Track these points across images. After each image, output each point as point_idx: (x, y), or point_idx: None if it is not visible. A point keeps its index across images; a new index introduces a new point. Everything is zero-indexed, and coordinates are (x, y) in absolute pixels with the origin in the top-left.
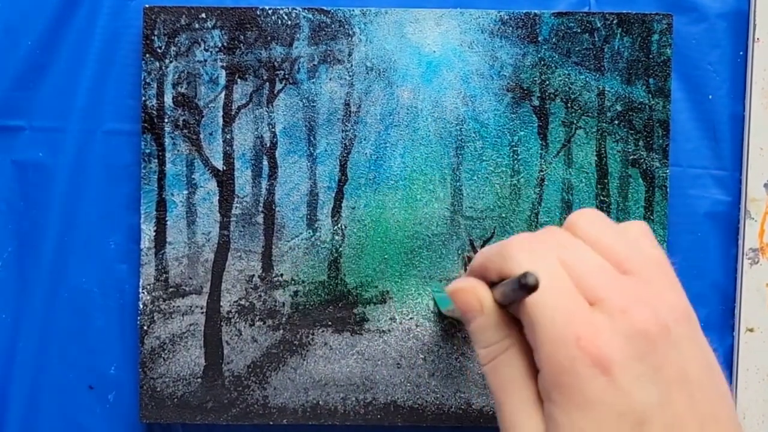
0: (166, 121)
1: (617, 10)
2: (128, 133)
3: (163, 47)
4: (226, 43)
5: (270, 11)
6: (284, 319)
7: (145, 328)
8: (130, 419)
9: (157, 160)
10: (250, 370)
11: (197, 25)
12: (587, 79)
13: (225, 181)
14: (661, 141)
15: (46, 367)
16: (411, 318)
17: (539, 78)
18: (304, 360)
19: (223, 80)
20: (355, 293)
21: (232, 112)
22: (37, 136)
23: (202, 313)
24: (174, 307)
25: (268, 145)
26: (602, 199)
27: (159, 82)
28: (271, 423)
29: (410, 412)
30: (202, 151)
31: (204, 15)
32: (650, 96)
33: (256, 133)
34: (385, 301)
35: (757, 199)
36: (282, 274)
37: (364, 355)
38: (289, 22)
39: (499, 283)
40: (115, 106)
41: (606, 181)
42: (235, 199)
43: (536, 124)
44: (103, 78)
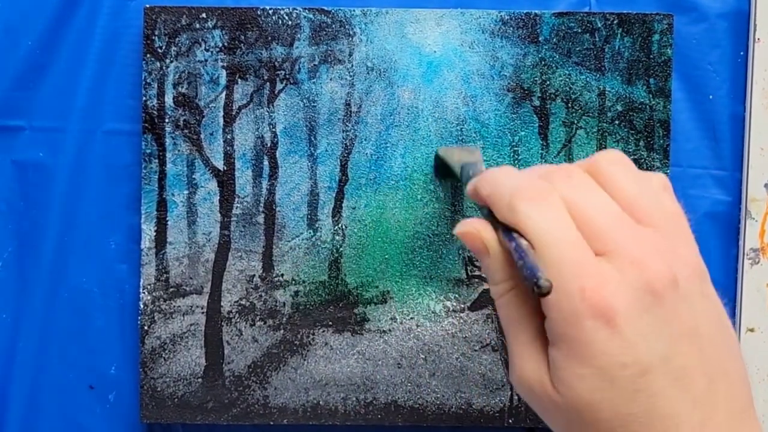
0: (167, 121)
1: (618, 10)
2: (128, 133)
3: (164, 47)
4: (226, 43)
5: (270, 11)
6: (285, 319)
7: (146, 328)
8: (131, 419)
9: (157, 160)
10: (251, 370)
11: (198, 25)
12: (588, 79)
13: (225, 181)
14: (661, 141)
15: (46, 367)
16: (411, 318)
17: (540, 78)
18: (305, 360)
19: (223, 80)
20: (355, 293)
21: (233, 112)
22: (37, 136)
23: (203, 313)
24: (174, 307)
25: (269, 145)
26: None
27: (159, 82)
28: (272, 423)
29: (411, 412)
30: (202, 151)
31: (204, 15)
32: (651, 96)
33: (257, 133)
34: (385, 301)
35: (758, 199)
36: (282, 274)
37: (365, 355)
38: (290, 22)
39: (504, 226)
40: (116, 106)
41: None
42: (236, 199)
43: (537, 124)
44: (104, 78)
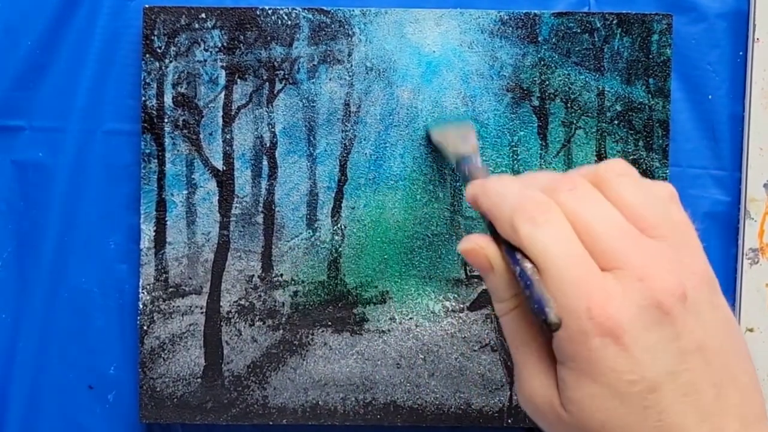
0: (166, 121)
1: (617, 10)
2: (128, 133)
3: (163, 47)
4: (226, 43)
5: (270, 11)
6: (284, 319)
7: (145, 328)
8: (130, 419)
9: (156, 160)
10: (250, 370)
11: (197, 25)
12: (587, 79)
13: (225, 181)
14: (660, 141)
15: (46, 367)
16: (411, 318)
17: (539, 78)
18: (304, 360)
19: (222, 80)
20: (354, 293)
21: (232, 112)
22: (37, 136)
23: (202, 313)
24: (174, 307)
25: (268, 145)
26: None
27: (159, 82)
28: (271, 423)
29: (410, 412)
30: (201, 151)
31: (204, 15)
32: (650, 96)
33: (256, 133)
34: (384, 301)
35: (757, 199)
36: (282, 274)
37: (364, 355)
38: (289, 22)
39: (507, 244)
40: (115, 106)
41: None
42: (235, 199)
43: (536, 124)
44: (103, 78)
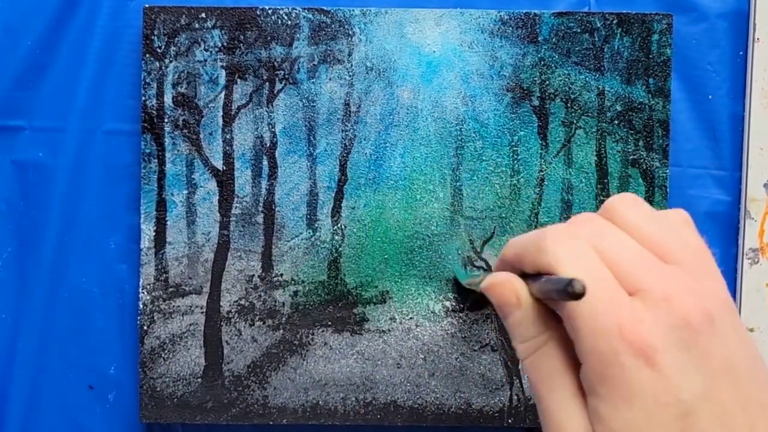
0: (166, 121)
1: (617, 10)
2: (128, 133)
3: (163, 47)
4: (226, 43)
5: (270, 11)
6: (284, 319)
7: (145, 328)
8: (130, 419)
9: (157, 160)
10: (250, 370)
11: (197, 25)
12: (587, 79)
13: (225, 181)
14: (660, 141)
15: (46, 367)
16: (411, 318)
17: (539, 78)
18: (304, 360)
19: (222, 80)
20: (355, 293)
21: (232, 112)
22: (37, 136)
23: (202, 313)
24: (174, 307)
25: (268, 145)
26: (602, 199)
27: (159, 82)
28: (271, 423)
29: (410, 412)
30: (201, 151)
31: (204, 15)
32: (650, 96)
33: (256, 133)
34: (385, 301)
35: (757, 199)
36: (282, 274)
37: (364, 355)
38: (289, 22)
39: (533, 276)
40: (115, 106)
41: (606, 181)
42: (235, 199)
43: (536, 124)
44: (103, 78)
